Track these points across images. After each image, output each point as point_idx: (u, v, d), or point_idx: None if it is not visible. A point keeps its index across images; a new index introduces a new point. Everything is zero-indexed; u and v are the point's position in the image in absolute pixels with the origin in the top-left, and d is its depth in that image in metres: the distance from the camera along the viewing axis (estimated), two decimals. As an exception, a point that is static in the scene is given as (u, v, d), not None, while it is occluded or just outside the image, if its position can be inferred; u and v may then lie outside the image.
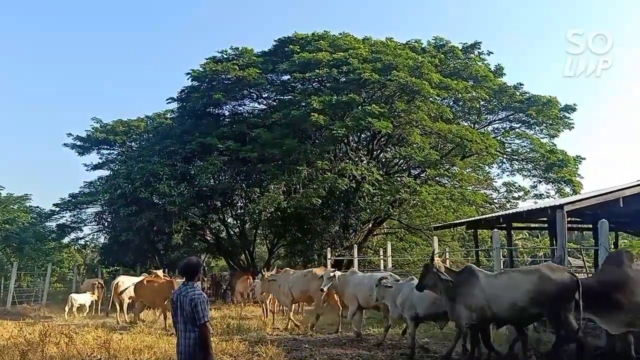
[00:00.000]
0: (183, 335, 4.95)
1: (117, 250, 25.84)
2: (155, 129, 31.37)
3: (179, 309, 4.98)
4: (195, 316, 4.82)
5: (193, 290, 4.96)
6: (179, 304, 4.98)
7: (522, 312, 7.71)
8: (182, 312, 4.94)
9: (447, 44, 27.45)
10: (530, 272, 7.90)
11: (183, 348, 4.93)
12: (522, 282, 7.72)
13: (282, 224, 24.51)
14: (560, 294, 7.35)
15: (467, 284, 8.06)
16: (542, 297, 7.42)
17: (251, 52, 27.16)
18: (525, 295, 7.53)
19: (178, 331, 5.05)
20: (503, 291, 7.79)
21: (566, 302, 7.31)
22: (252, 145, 23.24)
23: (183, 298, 4.94)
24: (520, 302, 7.59)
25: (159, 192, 22.40)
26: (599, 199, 11.12)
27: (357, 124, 22.07)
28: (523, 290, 7.58)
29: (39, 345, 8.35)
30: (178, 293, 5.06)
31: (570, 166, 26.05)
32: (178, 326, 5.03)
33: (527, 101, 26.21)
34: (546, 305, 7.47)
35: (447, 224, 19.86)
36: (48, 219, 33.30)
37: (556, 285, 7.39)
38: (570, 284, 7.38)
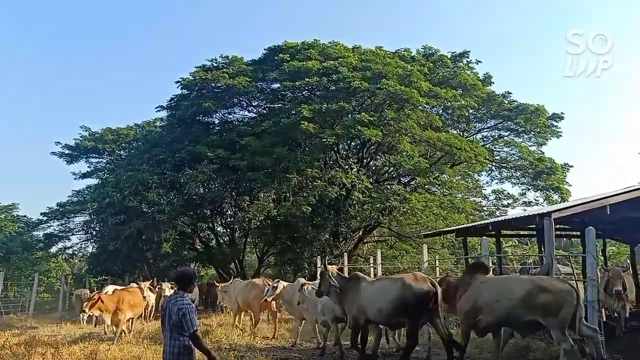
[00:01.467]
0: (169, 342, 5.02)
1: (105, 260, 25.56)
2: (145, 137, 31.22)
3: (167, 316, 5.06)
4: (184, 325, 4.91)
5: (182, 299, 5.04)
6: (167, 311, 5.06)
7: (389, 318, 8.22)
8: (169, 320, 5.01)
9: (436, 52, 27.71)
10: (396, 281, 8.38)
11: (168, 355, 5.01)
12: (388, 290, 8.22)
13: (272, 232, 24.42)
14: (418, 303, 7.84)
15: (352, 290, 8.66)
16: (402, 305, 7.94)
17: (241, 61, 27.20)
18: (389, 303, 8.06)
19: (164, 339, 5.12)
20: (374, 298, 8.30)
21: (424, 310, 7.83)
22: (242, 153, 23.20)
23: (172, 306, 5.01)
24: (385, 309, 8.12)
25: (147, 200, 22.24)
26: (586, 207, 11.22)
27: (347, 132, 22.14)
28: (388, 298, 8.08)
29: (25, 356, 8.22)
30: (167, 301, 5.17)
31: (558, 174, 26.32)
32: (165, 334, 5.09)
33: (515, 109, 26.48)
34: (406, 313, 7.94)
35: (436, 232, 19.92)
36: (35, 228, 32.89)
37: (414, 294, 7.86)
38: (428, 293, 7.86)
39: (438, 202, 23.74)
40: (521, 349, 9.01)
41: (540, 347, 9.06)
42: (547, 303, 7.49)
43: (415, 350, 8.98)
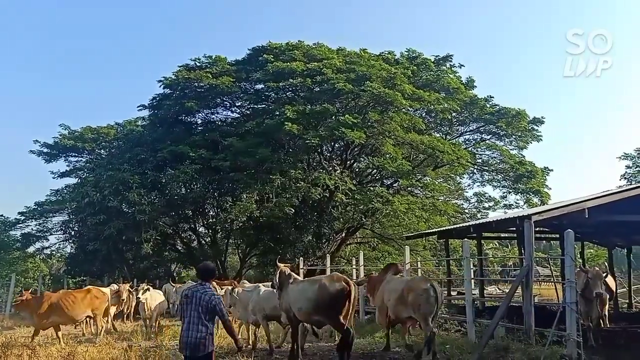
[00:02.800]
0: (195, 327, 5.51)
1: (83, 260, 25.19)
2: (126, 137, 30.82)
3: (194, 304, 5.56)
4: (218, 313, 5.63)
5: (211, 290, 5.72)
6: (195, 299, 5.58)
7: (309, 317, 8.64)
8: (197, 307, 5.54)
9: (419, 55, 27.89)
10: (314, 282, 8.82)
11: (190, 339, 5.50)
12: (307, 290, 8.62)
13: (254, 233, 24.30)
14: (332, 302, 8.19)
15: (284, 288, 9.06)
16: (317, 305, 8.32)
17: (224, 61, 27.04)
18: (307, 302, 8.46)
19: (186, 323, 5.57)
20: (296, 297, 8.72)
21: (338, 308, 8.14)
22: (224, 154, 23.06)
23: (202, 295, 5.58)
24: (306, 308, 8.51)
25: (128, 200, 21.96)
26: (565, 210, 11.39)
27: (330, 133, 22.14)
28: (306, 297, 8.50)
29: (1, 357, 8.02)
30: (195, 290, 5.69)
31: (539, 177, 26.70)
32: (187, 319, 5.56)
33: (497, 113, 26.82)
34: (322, 311, 8.31)
35: (419, 234, 20.03)
36: (13, 227, 32.17)
37: (329, 294, 8.20)
38: (342, 291, 8.21)
39: (420, 204, 23.91)
40: (500, 349, 9.08)
41: (519, 347, 9.15)
42: (413, 300, 9.06)
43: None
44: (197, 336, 5.51)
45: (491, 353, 8.96)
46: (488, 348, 9.12)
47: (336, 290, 8.22)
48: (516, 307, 12.27)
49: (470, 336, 11.05)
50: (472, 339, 10.84)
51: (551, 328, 8.93)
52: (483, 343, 9.15)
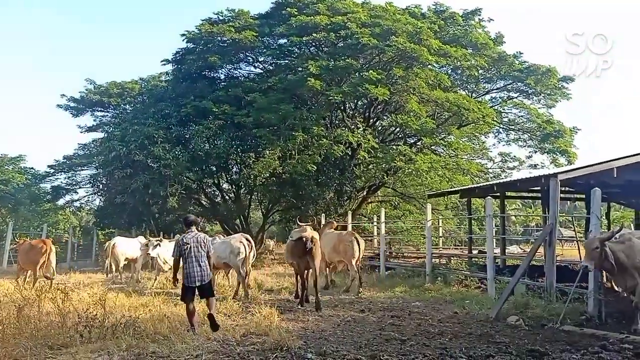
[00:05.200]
0: (201, 263, 7.33)
1: (112, 213, 25.87)
2: (150, 92, 30.95)
3: (193, 245, 7.33)
4: (208, 249, 7.47)
5: (199, 233, 7.54)
6: (194, 243, 7.35)
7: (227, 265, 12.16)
8: (196, 247, 7.32)
9: (447, 9, 26.93)
10: (225, 240, 12.55)
11: (200, 270, 7.33)
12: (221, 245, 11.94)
13: (277, 189, 24.52)
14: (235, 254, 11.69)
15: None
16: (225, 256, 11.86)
17: (247, 14, 26.62)
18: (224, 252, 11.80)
19: (190, 263, 7.29)
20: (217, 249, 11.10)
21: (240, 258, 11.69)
22: (247, 109, 23.02)
23: (198, 239, 7.43)
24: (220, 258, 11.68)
25: (153, 155, 22.28)
26: (593, 169, 11.22)
27: (354, 90, 21.83)
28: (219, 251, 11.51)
29: (36, 301, 8.44)
30: (191, 236, 7.42)
31: (566, 137, 26.06)
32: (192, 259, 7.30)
33: (525, 70, 25.95)
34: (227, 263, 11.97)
35: (441, 192, 19.98)
36: (43, 180, 33.17)
37: (232, 249, 11.77)
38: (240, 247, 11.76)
39: (443, 163, 23.65)
40: (520, 305, 9.17)
41: (539, 304, 9.22)
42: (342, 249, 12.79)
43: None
44: (202, 268, 7.31)
45: (511, 309, 9.06)
46: (507, 304, 9.22)
47: (236, 246, 11.70)
48: (538, 267, 12.32)
49: (491, 292, 11.19)
50: (492, 295, 10.97)
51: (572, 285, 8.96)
52: (503, 299, 9.25)
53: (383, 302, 10.97)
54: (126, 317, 7.85)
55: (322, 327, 8.13)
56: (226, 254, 11.72)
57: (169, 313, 8.41)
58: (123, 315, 8.10)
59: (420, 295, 11.90)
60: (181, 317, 7.94)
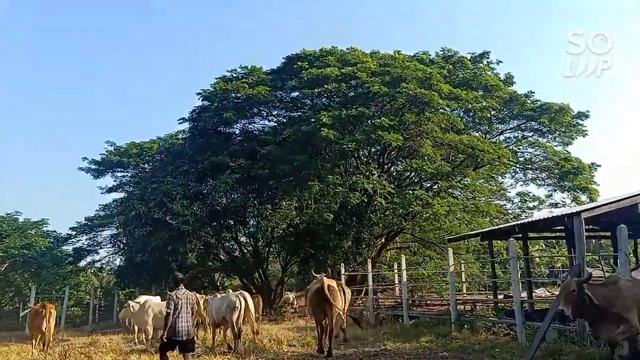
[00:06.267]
0: (186, 318, 7.84)
1: (132, 272, 25.85)
2: (168, 150, 31.59)
3: (185, 304, 7.85)
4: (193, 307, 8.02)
5: (189, 292, 8.16)
6: (184, 300, 7.88)
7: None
8: (186, 305, 7.88)
9: (455, 54, 27.43)
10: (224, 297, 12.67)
11: (185, 326, 7.81)
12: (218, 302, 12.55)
13: (294, 240, 24.39)
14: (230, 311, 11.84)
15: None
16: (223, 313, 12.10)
17: (260, 70, 27.41)
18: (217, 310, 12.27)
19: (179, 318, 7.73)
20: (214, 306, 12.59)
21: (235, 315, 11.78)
22: (263, 162, 23.30)
23: (188, 296, 8.03)
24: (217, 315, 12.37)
25: (172, 212, 22.47)
26: (617, 205, 10.95)
27: (367, 137, 22.03)
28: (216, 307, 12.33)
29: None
30: (182, 293, 7.99)
31: (586, 174, 25.67)
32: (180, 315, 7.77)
33: (538, 109, 26.00)
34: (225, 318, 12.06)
35: (461, 236, 19.61)
36: (65, 242, 33.57)
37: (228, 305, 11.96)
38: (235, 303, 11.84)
39: (461, 206, 23.37)
40: (553, 352, 8.75)
41: (573, 350, 8.79)
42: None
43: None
44: (188, 324, 7.85)
45: (544, 356, 8.65)
46: (540, 351, 8.82)
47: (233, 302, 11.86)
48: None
49: (521, 339, 10.74)
50: (523, 342, 10.51)
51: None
52: (534, 346, 8.85)
53: (409, 354, 10.57)
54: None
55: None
56: (223, 309, 12.08)
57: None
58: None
59: (447, 344, 11.45)
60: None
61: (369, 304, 17.96)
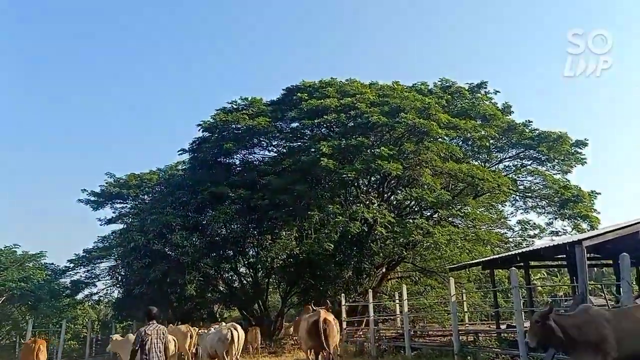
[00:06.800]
0: (157, 352, 7.68)
1: (130, 304, 25.54)
2: (167, 181, 31.66)
3: (156, 338, 7.71)
4: (165, 343, 7.85)
5: (159, 326, 7.92)
6: (156, 334, 7.74)
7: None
8: (157, 339, 7.70)
9: (453, 85, 27.80)
10: (217, 331, 12.91)
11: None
12: (211, 336, 12.92)
13: (294, 270, 24.19)
14: (222, 344, 12.32)
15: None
16: (215, 346, 12.57)
17: (260, 102, 27.71)
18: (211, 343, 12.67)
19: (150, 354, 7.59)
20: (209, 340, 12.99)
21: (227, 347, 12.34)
22: (263, 192, 23.31)
23: (160, 332, 7.82)
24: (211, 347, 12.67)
25: (171, 243, 22.38)
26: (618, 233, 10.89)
27: (366, 166, 22.11)
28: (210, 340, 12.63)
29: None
30: (153, 328, 7.77)
31: (586, 201, 25.61)
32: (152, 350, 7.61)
33: (537, 138, 26.15)
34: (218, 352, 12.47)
35: (462, 265, 19.46)
36: (62, 275, 33.22)
37: (219, 339, 12.49)
38: (226, 335, 12.34)
39: (462, 234, 23.25)
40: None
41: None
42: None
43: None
44: (160, 358, 7.73)
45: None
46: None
47: (224, 336, 12.14)
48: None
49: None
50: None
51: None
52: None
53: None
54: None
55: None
56: (214, 342, 12.29)
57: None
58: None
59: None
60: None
61: (370, 335, 17.67)
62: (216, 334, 12.60)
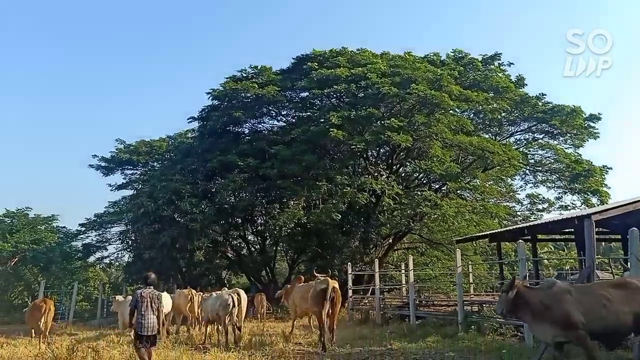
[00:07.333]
0: (151, 317, 8.16)
1: (140, 268, 25.95)
2: (177, 148, 31.81)
3: (149, 302, 8.19)
4: (159, 306, 8.31)
5: (155, 291, 8.47)
6: (150, 298, 8.23)
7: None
8: (150, 302, 8.20)
9: (466, 56, 27.32)
10: (217, 296, 13.08)
11: (151, 324, 8.14)
12: (212, 300, 13.23)
13: (302, 239, 24.44)
14: (223, 308, 12.31)
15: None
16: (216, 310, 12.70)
17: (270, 70, 27.47)
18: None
19: (145, 315, 8.10)
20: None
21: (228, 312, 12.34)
22: (271, 162, 23.36)
23: (153, 295, 8.32)
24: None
25: (181, 210, 22.62)
26: (628, 208, 10.87)
27: (376, 138, 22.02)
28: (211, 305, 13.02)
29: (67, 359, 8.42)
30: (148, 292, 8.31)
31: (597, 176, 25.45)
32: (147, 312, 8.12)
33: (550, 111, 25.82)
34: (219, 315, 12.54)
35: (469, 237, 19.54)
36: (74, 238, 33.86)
37: (220, 303, 12.43)
38: (228, 300, 12.22)
39: (470, 207, 23.24)
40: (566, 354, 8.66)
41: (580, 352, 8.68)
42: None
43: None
44: (153, 321, 8.17)
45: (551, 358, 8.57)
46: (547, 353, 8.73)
47: (225, 300, 12.13)
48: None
49: (528, 341, 10.66)
50: (530, 344, 10.44)
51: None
52: (542, 348, 8.77)
53: (415, 354, 10.53)
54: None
55: (352, 382, 7.81)
56: (216, 307, 12.60)
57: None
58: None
59: (454, 345, 11.39)
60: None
61: (376, 303, 17.93)
62: (217, 298, 12.97)
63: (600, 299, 7.01)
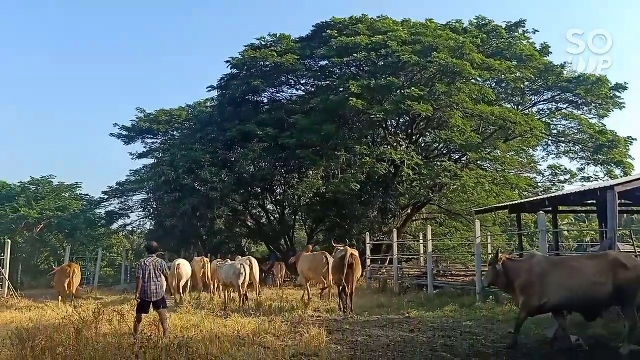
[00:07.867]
0: (155, 283, 8.72)
1: (162, 236, 26.51)
2: (197, 118, 31.97)
3: (153, 269, 8.73)
4: (162, 272, 8.87)
5: (158, 259, 9.03)
6: (153, 266, 8.75)
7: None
8: (155, 270, 8.74)
9: (489, 23, 26.58)
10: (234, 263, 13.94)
11: (155, 289, 8.72)
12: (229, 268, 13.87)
13: (320, 209, 24.63)
14: (238, 276, 13.27)
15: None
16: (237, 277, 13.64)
17: (289, 39, 27.16)
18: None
19: (148, 282, 8.66)
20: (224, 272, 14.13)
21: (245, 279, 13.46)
22: (290, 131, 23.37)
23: (156, 262, 8.87)
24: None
25: (201, 178, 22.93)
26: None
27: (396, 107, 21.80)
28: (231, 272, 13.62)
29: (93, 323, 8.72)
30: (151, 260, 8.85)
31: (621, 147, 24.92)
32: (150, 279, 8.67)
33: (575, 80, 25.13)
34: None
35: (489, 208, 19.44)
36: (97, 206, 34.64)
37: (237, 272, 13.31)
38: (241, 268, 13.25)
39: (490, 178, 23.05)
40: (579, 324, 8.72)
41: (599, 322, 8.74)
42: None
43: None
44: (157, 287, 8.70)
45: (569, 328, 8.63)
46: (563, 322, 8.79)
47: (238, 269, 13.02)
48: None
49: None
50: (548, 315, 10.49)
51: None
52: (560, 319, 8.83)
53: (433, 322, 10.69)
54: (179, 339, 7.99)
55: (371, 348, 8.00)
56: (229, 275, 13.47)
57: (219, 334, 8.52)
58: (176, 337, 8.25)
59: (471, 314, 11.54)
60: (231, 338, 8.04)
61: (394, 273, 18.13)
62: (231, 267, 13.73)
63: (571, 270, 7.39)
